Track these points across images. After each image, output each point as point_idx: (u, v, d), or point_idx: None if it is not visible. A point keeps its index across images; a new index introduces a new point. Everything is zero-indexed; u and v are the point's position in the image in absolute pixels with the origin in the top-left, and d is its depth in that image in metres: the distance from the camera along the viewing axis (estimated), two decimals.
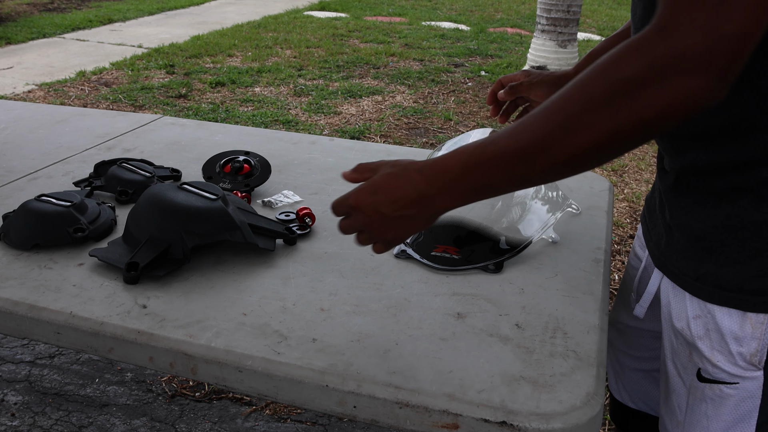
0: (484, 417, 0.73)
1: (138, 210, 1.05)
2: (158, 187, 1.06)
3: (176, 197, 1.03)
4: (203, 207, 1.02)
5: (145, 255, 0.98)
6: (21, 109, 1.78)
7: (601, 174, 3.47)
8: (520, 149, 0.67)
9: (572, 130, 0.63)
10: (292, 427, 1.90)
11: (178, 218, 1.00)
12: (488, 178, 0.70)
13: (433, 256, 1.05)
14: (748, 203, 0.76)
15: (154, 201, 1.03)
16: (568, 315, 0.91)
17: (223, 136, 1.60)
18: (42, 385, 2.04)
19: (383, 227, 0.77)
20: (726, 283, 0.79)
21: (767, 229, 0.75)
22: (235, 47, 6.21)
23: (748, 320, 0.78)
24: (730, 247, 0.78)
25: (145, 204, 1.04)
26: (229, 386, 0.83)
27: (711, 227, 0.79)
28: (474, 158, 0.70)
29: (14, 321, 0.92)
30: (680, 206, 0.84)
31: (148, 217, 1.03)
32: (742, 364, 0.80)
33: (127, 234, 1.05)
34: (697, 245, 0.82)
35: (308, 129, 4.10)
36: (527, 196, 1.15)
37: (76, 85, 4.99)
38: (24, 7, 8.20)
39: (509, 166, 0.68)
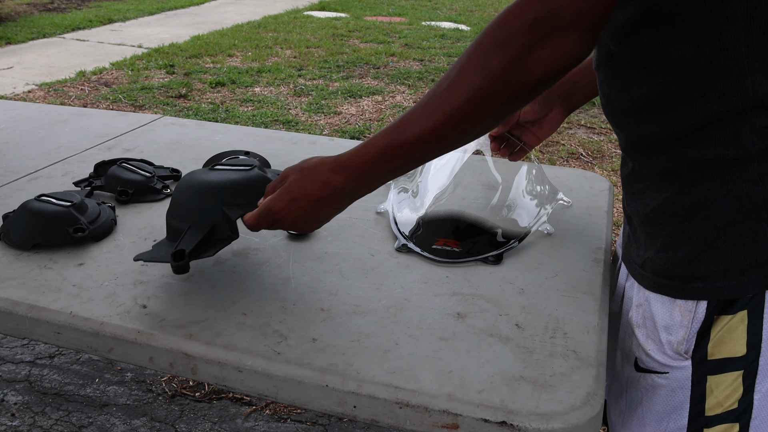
0: (484, 417, 0.73)
1: (175, 202, 1.00)
2: (189, 175, 1.01)
3: (210, 177, 0.98)
4: (240, 178, 0.97)
5: (190, 241, 0.93)
6: (21, 109, 1.78)
7: (601, 174, 3.47)
8: (436, 129, 0.72)
9: (479, 101, 0.69)
10: (292, 427, 1.90)
11: (216, 196, 0.95)
12: (408, 161, 0.76)
13: (433, 249, 1.06)
14: (679, 187, 0.76)
15: (188, 187, 0.99)
16: (568, 315, 0.91)
17: (223, 136, 1.60)
18: (42, 385, 2.04)
19: (305, 225, 0.85)
20: (660, 269, 0.79)
21: (696, 213, 0.75)
22: (235, 47, 6.21)
23: (677, 307, 0.78)
24: (664, 232, 0.78)
25: (181, 193, 0.99)
26: (229, 386, 0.83)
27: (651, 212, 0.80)
28: (392, 147, 0.75)
29: (14, 321, 0.92)
30: (632, 193, 0.85)
31: (186, 206, 0.97)
32: (670, 353, 0.80)
33: (170, 230, 0.99)
34: (642, 232, 0.83)
35: (308, 129, 4.10)
36: (519, 192, 1.20)
37: (76, 85, 4.99)
38: (24, 7, 8.20)
39: (428, 146, 0.74)
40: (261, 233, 1.12)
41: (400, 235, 1.10)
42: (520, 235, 1.10)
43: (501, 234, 1.10)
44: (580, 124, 4.28)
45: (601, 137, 4.06)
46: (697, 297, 0.76)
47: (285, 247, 1.08)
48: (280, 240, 1.10)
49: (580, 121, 4.31)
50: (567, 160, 3.71)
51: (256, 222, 0.86)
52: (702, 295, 0.75)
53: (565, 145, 3.91)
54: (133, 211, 1.21)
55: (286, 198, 0.82)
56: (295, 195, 0.81)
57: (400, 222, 1.14)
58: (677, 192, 0.76)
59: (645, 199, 0.81)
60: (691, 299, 0.76)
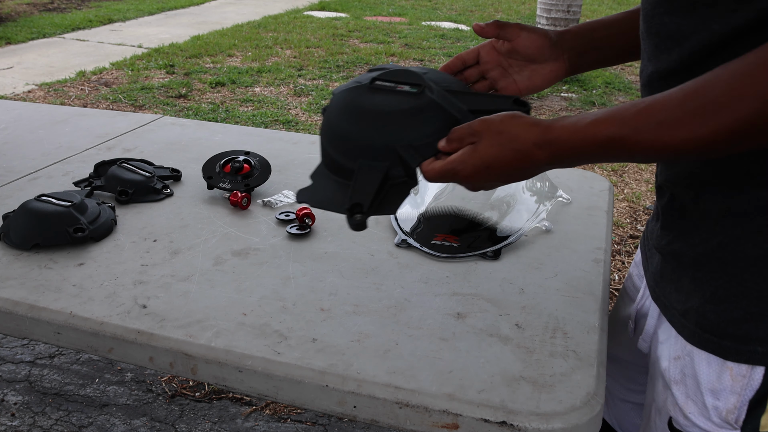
0: (484, 417, 0.73)
1: (335, 129, 0.83)
2: (349, 94, 0.83)
3: (376, 103, 0.80)
4: (412, 108, 0.78)
5: (364, 190, 0.77)
6: (21, 109, 1.78)
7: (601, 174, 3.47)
8: (673, 147, 0.61)
9: (740, 132, 0.58)
10: (292, 427, 1.90)
11: (388, 131, 0.79)
12: (624, 158, 0.66)
13: (433, 244, 1.07)
14: (742, 232, 0.67)
15: (353, 113, 0.81)
16: (568, 315, 0.91)
17: (223, 136, 1.60)
18: (42, 385, 2.04)
19: (492, 186, 0.76)
20: (709, 324, 0.70)
21: (761, 266, 0.66)
22: (235, 47, 6.21)
23: (727, 370, 0.69)
24: (718, 282, 0.69)
25: (343, 119, 0.82)
26: (229, 386, 0.83)
27: (702, 256, 0.71)
28: (617, 142, 0.64)
29: (14, 321, 0.92)
30: (674, 230, 0.76)
31: (351, 139, 0.81)
32: (717, 421, 0.71)
33: (328, 159, 0.84)
34: (687, 276, 0.74)
35: (308, 129, 4.10)
36: (519, 188, 1.21)
37: (76, 85, 4.99)
38: (24, 7, 8.20)
39: (651, 156, 0.64)
40: (261, 233, 1.12)
41: (400, 231, 1.11)
42: (519, 231, 1.10)
43: (500, 230, 1.11)
44: None
45: None
46: (754, 362, 0.67)
47: (285, 247, 1.08)
48: (280, 240, 1.10)
49: None
50: None
51: (437, 178, 0.75)
52: (760, 360, 0.67)
53: None
54: (133, 211, 1.21)
55: (478, 164, 0.71)
56: (489, 162, 0.70)
57: (401, 218, 1.15)
58: (739, 238, 0.67)
59: (692, 238, 0.72)
60: (746, 363, 0.68)
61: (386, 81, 0.82)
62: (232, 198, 1.21)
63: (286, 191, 1.28)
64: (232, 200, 1.21)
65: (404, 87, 0.81)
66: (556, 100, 4.74)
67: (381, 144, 0.78)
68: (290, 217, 1.17)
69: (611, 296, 2.50)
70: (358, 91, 0.82)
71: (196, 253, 1.06)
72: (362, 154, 0.79)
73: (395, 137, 0.78)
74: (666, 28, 0.68)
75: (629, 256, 2.81)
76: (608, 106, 4.63)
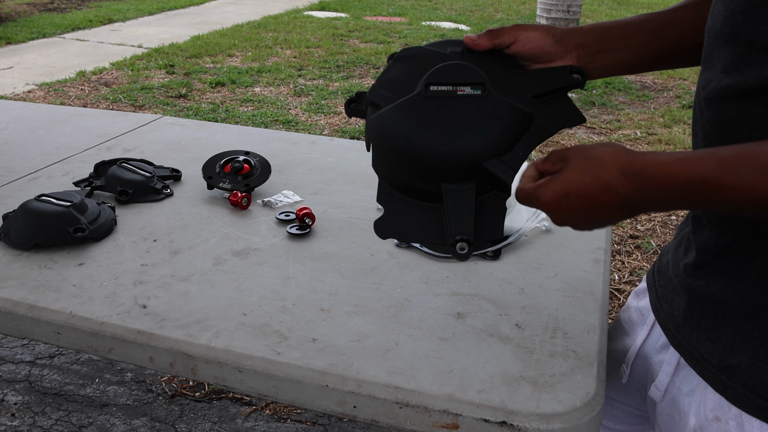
0: (484, 417, 0.73)
1: (398, 148, 0.74)
2: (406, 109, 0.74)
3: (443, 118, 0.72)
4: (483, 117, 0.71)
5: (463, 220, 0.71)
6: (21, 109, 1.78)
7: None
8: None
9: None
10: (292, 427, 1.90)
11: (468, 151, 0.71)
12: (705, 203, 0.58)
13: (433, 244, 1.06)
14: None
15: (415, 131, 0.72)
16: (568, 315, 0.91)
17: (223, 136, 1.60)
18: (42, 385, 2.04)
19: (583, 226, 0.67)
20: (762, 387, 0.62)
21: None
22: (235, 47, 6.21)
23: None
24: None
25: (405, 136, 0.73)
26: (229, 386, 0.83)
27: (755, 306, 0.62)
28: (710, 183, 0.56)
29: (14, 321, 0.92)
30: (715, 271, 0.67)
31: (422, 160, 0.72)
32: None
33: (396, 182, 0.75)
34: (728, 325, 0.65)
35: (308, 129, 4.10)
36: None
37: (76, 85, 4.99)
38: (24, 7, 8.20)
39: (746, 205, 0.56)
40: (261, 233, 1.12)
41: None
42: (519, 231, 1.10)
43: None
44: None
45: (601, 137, 4.06)
46: None
47: (285, 247, 1.08)
48: (280, 240, 1.10)
49: None
50: None
51: (523, 196, 0.68)
52: None
53: (565, 144, 3.90)
54: (133, 211, 1.21)
55: (558, 191, 0.64)
56: (569, 189, 0.64)
57: None
58: None
59: (741, 284, 0.64)
60: None
61: (441, 85, 0.73)
62: (232, 198, 1.21)
63: (286, 191, 1.28)
64: (232, 200, 1.21)
65: (464, 89, 0.73)
66: None
67: (464, 164, 0.71)
68: (290, 217, 1.17)
69: (611, 296, 2.50)
70: (415, 104, 0.73)
71: (196, 253, 1.06)
72: (444, 177, 0.72)
73: (479, 154, 0.70)
74: (764, 37, 0.58)
75: (629, 256, 2.81)
76: (608, 106, 4.63)
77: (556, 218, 0.67)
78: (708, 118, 0.65)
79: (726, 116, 0.62)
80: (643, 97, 4.87)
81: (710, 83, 0.64)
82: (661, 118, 4.39)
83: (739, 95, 0.61)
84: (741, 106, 0.59)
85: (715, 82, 0.63)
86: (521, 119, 0.72)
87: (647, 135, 4.08)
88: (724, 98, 0.62)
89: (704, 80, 0.66)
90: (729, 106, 0.61)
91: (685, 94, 4.93)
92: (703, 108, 0.66)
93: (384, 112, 0.75)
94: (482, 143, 0.71)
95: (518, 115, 0.72)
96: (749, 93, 0.59)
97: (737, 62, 0.60)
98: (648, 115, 4.46)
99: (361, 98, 0.80)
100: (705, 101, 0.65)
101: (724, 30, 0.62)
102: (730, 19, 0.61)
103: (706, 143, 0.65)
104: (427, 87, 0.73)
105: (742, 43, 0.60)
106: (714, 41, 0.64)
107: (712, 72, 0.64)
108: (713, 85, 0.64)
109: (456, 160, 0.71)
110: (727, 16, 0.61)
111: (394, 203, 0.76)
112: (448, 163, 0.71)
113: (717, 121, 0.63)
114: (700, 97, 0.67)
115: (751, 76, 0.59)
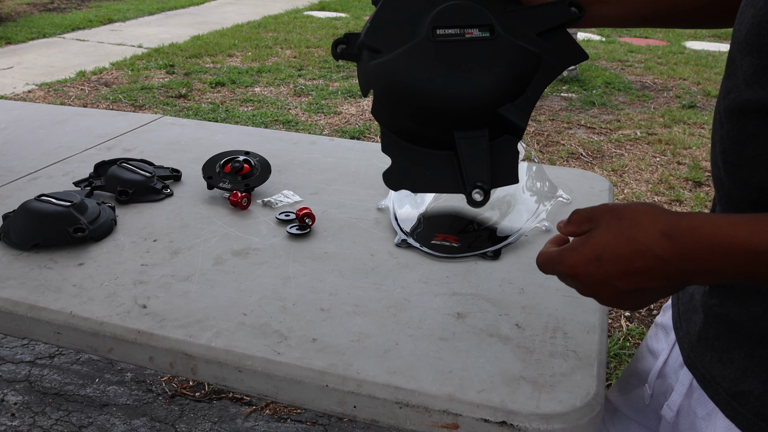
0: (484, 417, 0.73)
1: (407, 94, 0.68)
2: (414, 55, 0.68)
3: (454, 63, 0.67)
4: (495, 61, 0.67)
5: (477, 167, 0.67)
6: (21, 109, 1.78)
7: (601, 174, 3.47)
8: None
9: None
10: (292, 427, 1.90)
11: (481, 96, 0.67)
12: (762, 279, 0.51)
13: (433, 244, 1.07)
14: None
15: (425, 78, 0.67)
16: (568, 315, 0.91)
17: (223, 136, 1.60)
18: (42, 385, 2.04)
19: (615, 300, 0.59)
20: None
21: None
22: (235, 47, 6.21)
23: None
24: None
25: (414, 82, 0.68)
26: (229, 386, 0.83)
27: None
28: (758, 251, 0.49)
29: (14, 321, 0.92)
30: (730, 291, 0.63)
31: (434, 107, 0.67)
32: None
33: (405, 131, 0.70)
34: (740, 349, 0.61)
35: (308, 129, 4.10)
36: (519, 188, 1.21)
37: (76, 85, 4.99)
38: (24, 7, 8.20)
39: None
40: (261, 233, 1.12)
41: (401, 231, 1.11)
42: (519, 231, 1.10)
43: (500, 230, 1.11)
44: (580, 124, 4.28)
45: (601, 137, 4.06)
46: None
47: (285, 247, 1.08)
48: (280, 240, 1.10)
49: (580, 121, 4.31)
50: (567, 160, 3.70)
51: (543, 264, 0.64)
52: None
53: (565, 145, 3.91)
54: (133, 211, 1.21)
55: (588, 254, 0.57)
56: (599, 252, 0.56)
57: (401, 218, 1.15)
58: None
59: (756, 306, 0.60)
60: None
61: (448, 28, 0.68)
62: (232, 198, 1.21)
63: (286, 191, 1.28)
64: (232, 200, 1.21)
65: (472, 32, 0.67)
66: (556, 100, 4.74)
67: (478, 110, 0.67)
68: (290, 217, 1.17)
69: None
70: (423, 49, 0.67)
71: (196, 253, 1.06)
72: (458, 124, 0.67)
73: (494, 100, 0.66)
74: None
75: None
76: (608, 106, 4.63)
77: (583, 286, 0.60)
78: (727, 131, 0.61)
79: (745, 131, 0.58)
80: (643, 97, 4.87)
81: (731, 93, 0.61)
82: (661, 118, 4.39)
83: (760, 110, 0.56)
84: (762, 122, 0.55)
85: (736, 94, 0.59)
86: (531, 61, 0.68)
87: (647, 135, 4.08)
88: (745, 112, 0.58)
89: (725, 89, 0.62)
90: (749, 121, 0.57)
91: (685, 94, 4.93)
92: (722, 119, 0.62)
93: (390, 59, 0.69)
94: (497, 88, 0.66)
95: (528, 56, 0.68)
96: None
97: (760, 75, 0.56)
98: (648, 115, 4.46)
99: (351, 40, 0.73)
100: (725, 112, 0.61)
101: (750, 38, 0.57)
102: (758, 27, 0.56)
103: (723, 157, 0.61)
104: (434, 31, 0.68)
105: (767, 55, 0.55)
106: (738, 48, 0.60)
107: (734, 81, 0.60)
108: (734, 96, 0.60)
109: (471, 107, 0.67)
110: (755, 23, 0.56)
111: (401, 153, 0.71)
112: (463, 110, 0.67)
113: (736, 136, 0.59)
114: (720, 107, 0.63)
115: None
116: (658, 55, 6.16)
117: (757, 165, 0.57)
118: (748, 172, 0.58)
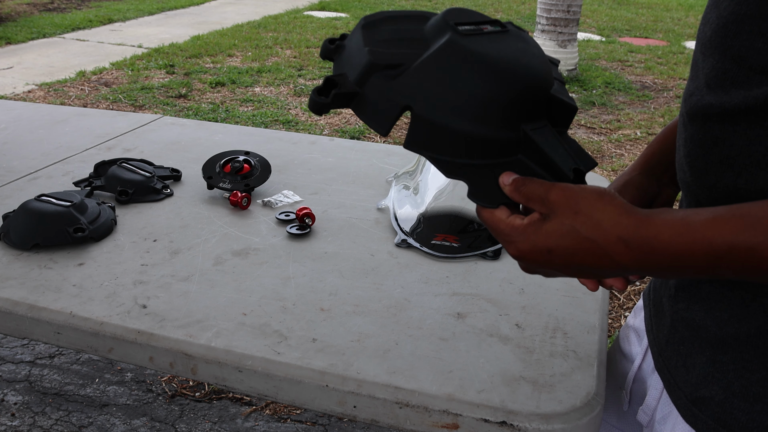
0: (484, 417, 0.73)
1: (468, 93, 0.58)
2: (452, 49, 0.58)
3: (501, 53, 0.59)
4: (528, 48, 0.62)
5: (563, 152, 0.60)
6: (21, 109, 1.78)
7: (601, 174, 3.47)
8: None
9: None
10: (292, 427, 1.90)
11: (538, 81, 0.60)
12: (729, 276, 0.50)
13: (433, 244, 1.07)
14: None
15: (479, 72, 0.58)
16: (568, 315, 0.91)
17: (223, 136, 1.60)
18: (42, 385, 2.04)
19: (550, 275, 0.60)
20: (737, 425, 0.57)
21: None
22: (235, 47, 6.21)
23: None
24: (753, 374, 0.56)
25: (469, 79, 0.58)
26: (229, 386, 0.83)
27: (731, 337, 0.57)
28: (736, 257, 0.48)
29: (14, 321, 0.92)
30: (695, 295, 0.62)
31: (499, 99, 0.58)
32: None
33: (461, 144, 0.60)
34: (702, 354, 0.60)
35: (308, 129, 4.10)
36: None
37: (76, 85, 4.99)
38: (24, 7, 8.20)
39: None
40: (261, 233, 1.12)
41: (400, 231, 1.11)
42: None
43: None
44: (580, 124, 4.28)
45: (601, 137, 4.06)
46: None
47: (285, 247, 1.08)
48: (280, 240, 1.10)
49: (580, 121, 4.31)
50: None
51: (490, 229, 0.61)
52: None
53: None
54: (133, 211, 1.21)
55: (540, 245, 0.55)
56: (552, 247, 0.55)
57: (401, 218, 1.15)
58: None
59: (720, 312, 0.59)
60: None
61: (466, 25, 0.61)
62: (232, 198, 1.21)
63: (286, 191, 1.28)
64: (232, 200, 1.21)
65: (487, 27, 0.62)
66: None
67: (542, 96, 0.60)
68: (290, 217, 1.17)
69: (611, 296, 2.50)
70: (459, 45, 0.59)
71: (196, 253, 1.06)
72: (524, 116, 0.60)
73: (545, 83, 0.60)
74: (756, 54, 0.51)
75: None
76: (608, 106, 4.63)
77: (526, 268, 0.60)
78: (691, 135, 0.59)
79: (710, 135, 0.56)
80: (643, 97, 4.87)
81: (692, 96, 0.59)
82: (661, 118, 4.39)
83: (723, 115, 0.55)
84: (726, 126, 0.54)
85: (698, 97, 0.58)
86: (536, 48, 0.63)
87: (647, 135, 4.08)
88: (708, 116, 0.57)
89: (688, 91, 0.61)
90: (713, 125, 0.56)
91: None
92: (686, 122, 0.60)
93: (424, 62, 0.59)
94: (541, 72, 0.60)
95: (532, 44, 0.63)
96: (734, 114, 0.53)
97: (722, 79, 0.54)
98: (648, 115, 4.46)
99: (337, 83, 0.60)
100: (687, 116, 0.60)
101: (714, 39, 0.56)
102: (723, 29, 0.55)
103: (689, 161, 0.60)
104: (456, 27, 0.60)
105: (731, 57, 0.53)
106: (702, 49, 0.58)
107: (696, 83, 0.59)
108: (695, 99, 0.58)
109: (535, 93, 0.60)
110: (720, 25, 0.55)
111: (466, 171, 0.62)
112: (527, 97, 0.59)
113: (701, 139, 0.58)
114: (683, 109, 0.62)
115: (737, 96, 0.53)
116: (658, 55, 6.16)
117: (723, 169, 0.55)
118: (714, 177, 0.57)
